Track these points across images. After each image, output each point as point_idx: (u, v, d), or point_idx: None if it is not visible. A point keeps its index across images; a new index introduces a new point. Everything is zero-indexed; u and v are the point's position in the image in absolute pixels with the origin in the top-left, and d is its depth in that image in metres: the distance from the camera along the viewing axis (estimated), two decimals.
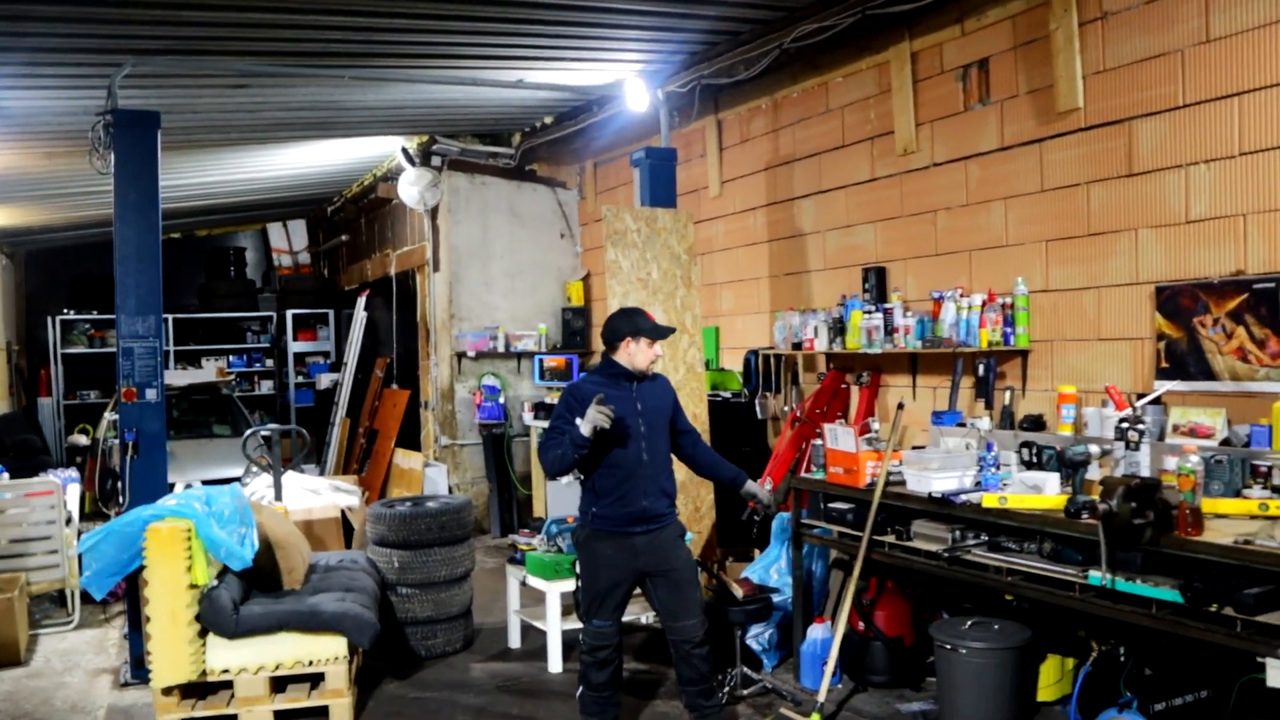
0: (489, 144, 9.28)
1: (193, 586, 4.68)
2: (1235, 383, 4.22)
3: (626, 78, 6.98)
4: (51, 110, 6.55)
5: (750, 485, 4.55)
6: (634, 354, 4.29)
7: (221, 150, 8.46)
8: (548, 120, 8.57)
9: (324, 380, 12.51)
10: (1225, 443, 4.04)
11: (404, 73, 6.51)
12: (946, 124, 5.63)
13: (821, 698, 4.52)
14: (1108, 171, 4.76)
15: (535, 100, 7.82)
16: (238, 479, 8.73)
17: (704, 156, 7.72)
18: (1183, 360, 4.41)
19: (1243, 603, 3.09)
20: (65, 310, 12.50)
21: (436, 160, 9.15)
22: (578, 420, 4.04)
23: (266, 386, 13.49)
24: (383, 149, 9.48)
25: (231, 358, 13.14)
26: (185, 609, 4.63)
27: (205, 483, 8.55)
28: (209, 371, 11.51)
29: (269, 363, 13.54)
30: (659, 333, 4.34)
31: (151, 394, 5.63)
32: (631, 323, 4.31)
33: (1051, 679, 4.59)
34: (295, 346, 13.15)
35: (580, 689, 4.37)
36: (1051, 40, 4.96)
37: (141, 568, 4.74)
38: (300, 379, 13.16)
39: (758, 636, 5.28)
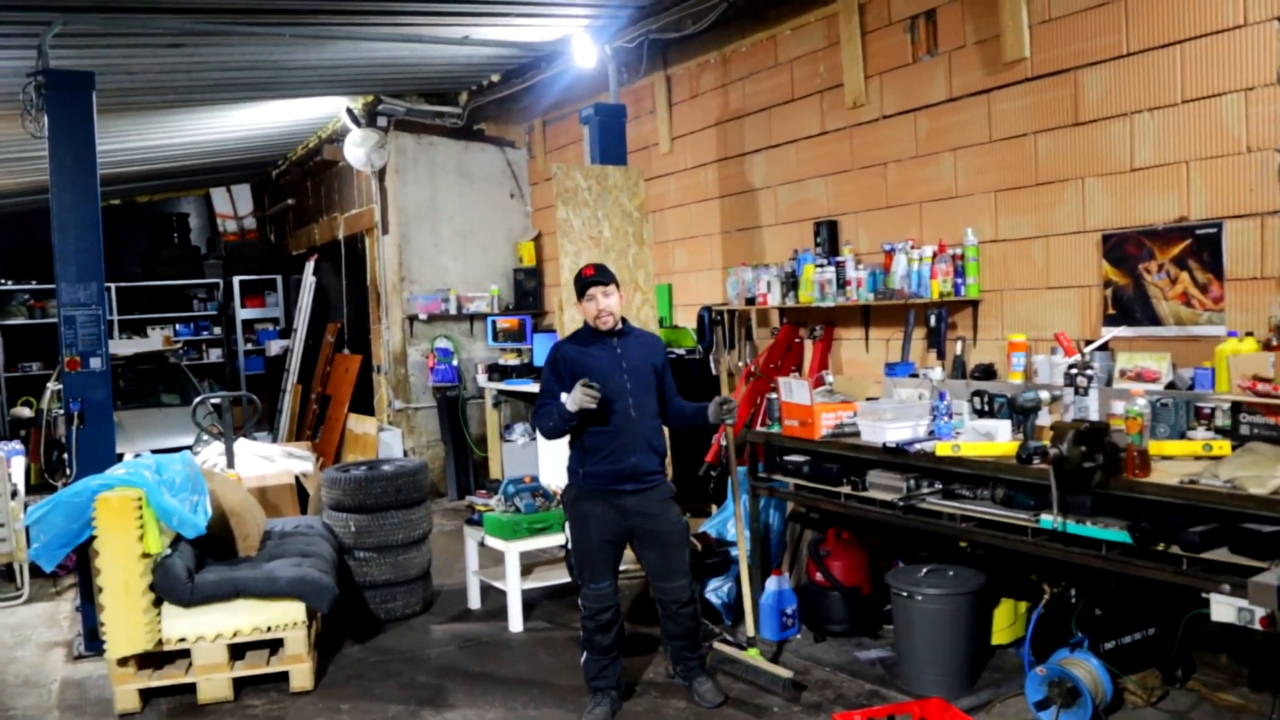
0: (435, 104, 9.10)
1: (145, 556, 4.62)
2: (1179, 327, 4.30)
3: (574, 33, 6.87)
4: None
5: (712, 409, 4.36)
6: (586, 313, 4.27)
7: (160, 112, 8.23)
8: (495, 79, 8.42)
9: (274, 347, 12.34)
10: (1171, 386, 4.12)
11: (346, 30, 6.36)
12: (895, 75, 5.63)
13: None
14: (1054, 121, 4.80)
15: (482, 58, 7.69)
16: (188, 448, 8.63)
17: (654, 113, 7.67)
18: (1129, 306, 4.49)
19: (1188, 541, 3.17)
20: (2, 281, 12.17)
21: (382, 121, 8.98)
22: (564, 396, 4.05)
23: (215, 354, 13.27)
24: (327, 110, 9.28)
25: (178, 326, 12.90)
26: (139, 579, 4.57)
27: (155, 452, 8.44)
28: (155, 340, 11.29)
29: (217, 330, 13.32)
30: (586, 283, 4.26)
31: (96, 362, 5.51)
32: (577, 284, 4.32)
33: (1005, 623, 4.69)
34: (243, 313, 12.93)
35: (584, 655, 4.35)
36: None
37: (92, 538, 4.67)
38: (249, 346, 12.96)
39: (716, 590, 5.32)
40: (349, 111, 8.90)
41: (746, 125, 6.78)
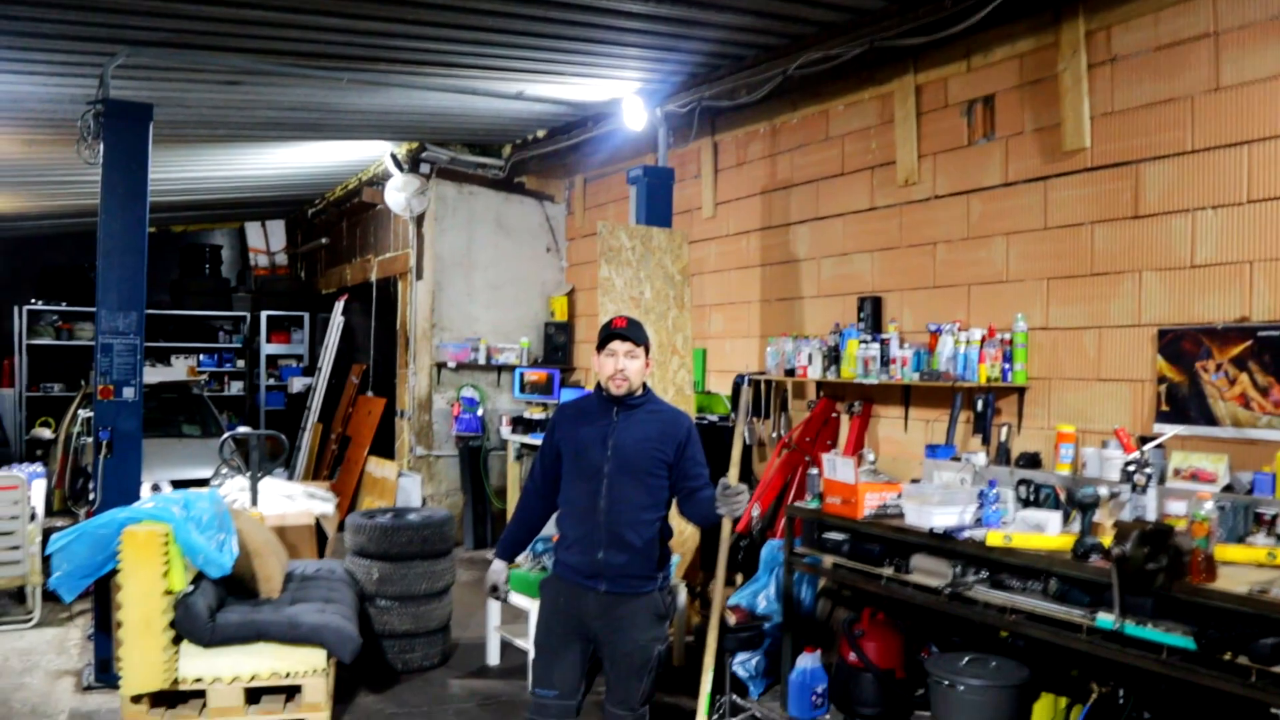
0: (478, 154, 9.20)
1: (168, 593, 4.54)
2: (1237, 429, 4.23)
3: (625, 95, 6.94)
4: (37, 96, 6.39)
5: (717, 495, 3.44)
6: (601, 370, 3.57)
7: (207, 146, 8.31)
8: (540, 134, 8.50)
9: (296, 384, 12.31)
10: (1227, 489, 4.04)
11: (402, 78, 6.43)
12: (949, 157, 5.63)
13: None
14: (1113, 212, 4.78)
15: (530, 113, 7.75)
16: (207, 480, 8.56)
17: (698, 177, 7.69)
18: (1184, 404, 4.42)
19: (1258, 652, 3.07)
20: (33, 300, 12.21)
21: (425, 168, 9.05)
22: (493, 560, 3.80)
23: (236, 387, 13.24)
24: (368, 153, 9.36)
25: (202, 356, 12.89)
26: (160, 615, 4.49)
27: (174, 483, 8.40)
28: (179, 370, 11.29)
29: (240, 363, 13.31)
30: (610, 335, 3.55)
31: (129, 392, 5.50)
32: (601, 334, 3.61)
33: (1044, 718, 4.55)
34: (268, 348, 12.93)
35: None
36: (1059, 81, 4.99)
37: (114, 570, 4.60)
38: (272, 381, 12.94)
39: (744, 663, 5.21)
40: (393, 156, 8.98)
41: (793, 196, 6.79)
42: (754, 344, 7.14)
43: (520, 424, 8.81)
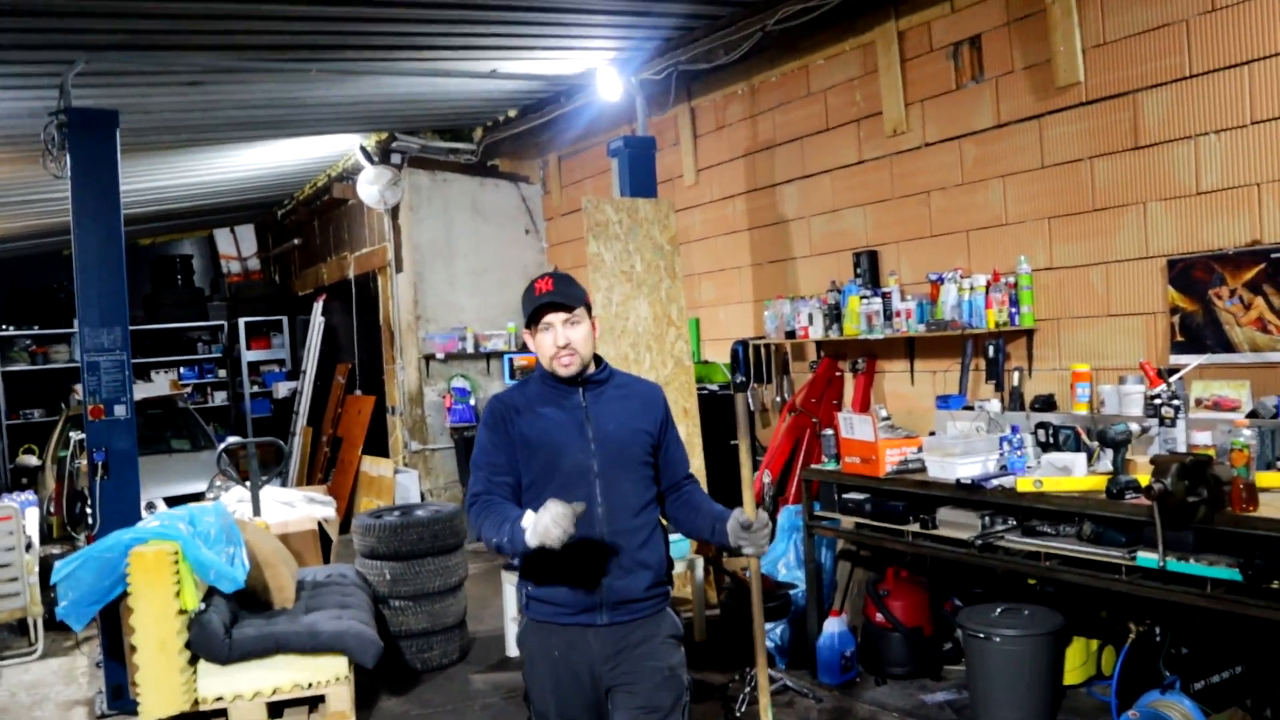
0: (449, 140, 9.02)
1: (181, 612, 4.41)
2: (1256, 354, 4.16)
3: (599, 66, 6.79)
4: None
5: (732, 529, 2.71)
6: (539, 350, 2.78)
7: (171, 153, 8.09)
8: (512, 113, 8.34)
9: (281, 389, 12.13)
10: (1252, 415, 3.98)
11: (371, 65, 6.25)
12: (938, 103, 5.53)
13: None
14: (1112, 145, 4.69)
15: (501, 92, 7.59)
16: (201, 495, 8.40)
17: (677, 145, 7.56)
18: (1199, 333, 4.36)
19: None
20: (4, 326, 11.94)
21: (396, 158, 8.87)
22: (527, 518, 2.50)
23: (220, 397, 13.05)
24: (336, 148, 9.16)
25: (182, 369, 12.67)
26: (174, 636, 4.35)
27: (167, 499, 8.24)
28: (162, 384, 11.08)
29: (221, 373, 13.10)
30: (538, 305, 2.72)
31: (120, 410, 5.33)
32: (525, 305, 2.79)
33: (1077, 662, 4.52)
34: (249, 355, 12.72)
35: None
36: (1048, 14, 4.88)
37: (124, 595, 4.47)
38: (255, 388, 12.74)
39: (770, 633, 5.14)
40: (362, 149, 8.78)
41: (777, 156, 6.67)
42: (748, 309, 7.04)
43: None
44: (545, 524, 2.42)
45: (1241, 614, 3.28)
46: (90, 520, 5.36)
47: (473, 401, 9.04)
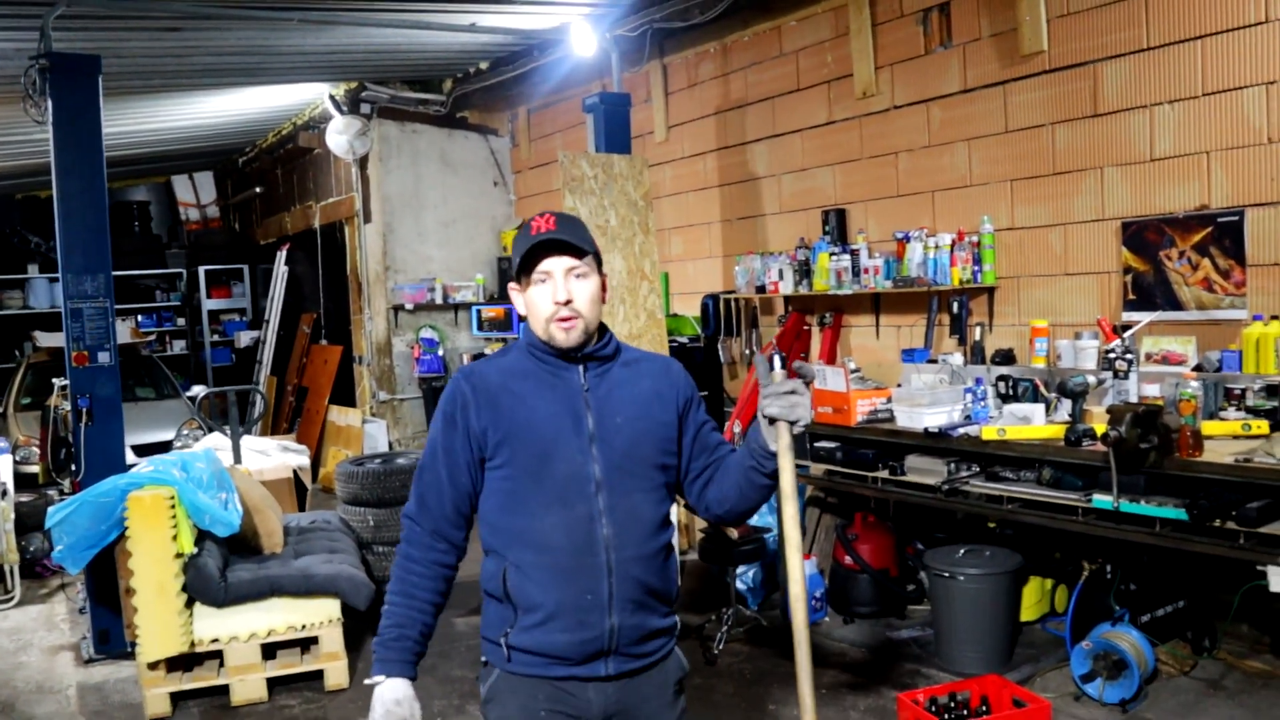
0: (419, 90, 9.03)
1: (178, 556, 4.54)
2: (1202, 311, 4.46)
3: (573, 21, 6.86)
4: None
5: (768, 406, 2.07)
6: (534, 311, 2.16)
7: (139, 98, 8.02)
8: (483, 66, 8.37)
9: (244, 338, 12.11)
10: (1197, 368, 4.28)
11: (353, 15, 6.27)
12: (907, 67, 5.72)
13: None
14: (1072, 112, 4.93)
15: (475, 44, 7.62)
16: (169, 444, 8.45)
17: (648, 102, 7.67)
18: (1150, 292, 4.64)
19: (1246, 516, 3.31)
20: None
21: (365, 108, 8.87)
22: (373, 677, 2.19)
23: (179, 346, 12.98)
24: (301, 97, 9.12)
25: (140, 317, 12.59)
26: (172, 579, 4.50)
27: (134, 448, 8.27)
28: (123, 333, 10.97)
29: (180, 321, 13.02)
30: (535, 247, 2.11)
31: (104, 357, 5.43)
32: (516, 250, 2.17)
33: (1033, 599, 4.84)
34: (209, 304, 12.66)
35: None
36: None
37: (120, 539, 4.59)
38: (216, 337, 12.70)
39: (742, 576, 5.40)
40: (331, 98, 8.77)
41: (748, 114, 6.83)
42: (717, 264, 7.23)
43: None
44: (376, 717, 2.13)
45: (1188, 550, 3.59)
46: (75, 466, 5.43)
47: (441, 352, 9.16)
